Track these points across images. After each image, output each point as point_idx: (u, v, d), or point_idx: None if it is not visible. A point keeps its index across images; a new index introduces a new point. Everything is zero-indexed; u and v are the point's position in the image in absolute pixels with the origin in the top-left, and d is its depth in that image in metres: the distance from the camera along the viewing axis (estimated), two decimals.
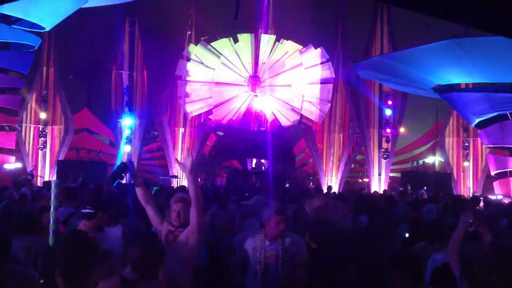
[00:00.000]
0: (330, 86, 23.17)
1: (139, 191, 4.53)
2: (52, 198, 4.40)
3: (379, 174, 22.90)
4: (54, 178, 20.36)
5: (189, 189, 4.23)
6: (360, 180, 25.94)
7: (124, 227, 5.22)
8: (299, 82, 23.25)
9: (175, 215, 4.27)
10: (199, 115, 23.67)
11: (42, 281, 3.62)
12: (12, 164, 20.03)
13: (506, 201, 14.93)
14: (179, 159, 23.09)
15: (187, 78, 23.33)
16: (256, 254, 4.70)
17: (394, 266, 3.54)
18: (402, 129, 24.52)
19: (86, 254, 3.41)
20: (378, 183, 22.66)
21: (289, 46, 23.38)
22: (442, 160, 24.02)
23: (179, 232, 4.20)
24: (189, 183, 4.23)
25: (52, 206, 4.36)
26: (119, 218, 5.50)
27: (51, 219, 4.34)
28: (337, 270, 3.78)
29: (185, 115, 23.38)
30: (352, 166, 24.79)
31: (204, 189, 13.00)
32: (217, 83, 23.37)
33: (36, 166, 21.80)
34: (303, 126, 23.86)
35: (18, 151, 21.44)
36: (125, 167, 4.61)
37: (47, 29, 15.42)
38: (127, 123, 22.26)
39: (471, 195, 19.13)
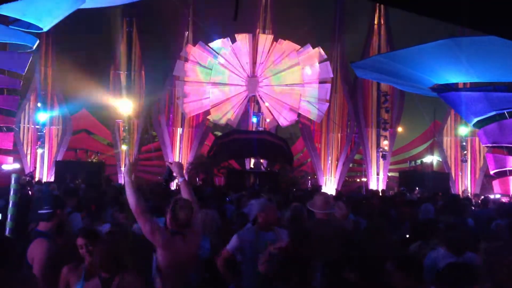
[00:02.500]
0: (328, 85, 23.19)
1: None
2: (12, 193, 4.31)
3: (377, 174, 22.92)
4: (52, 178, 20.39)
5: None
6: (358, 180, 25.97)
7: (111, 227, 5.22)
8: (297, 82, 23.27)
9: None
10: (197, 115, 23.68)
11: None
12: (10, 165, 20.00)
13: (504, 200, 14.94)
14: (176, 159, 23.17)
15: (185, 79, 23.34)
16: (254, 246, 4.72)
17: (397, 267, 3.54)
18: (400, 129, 24.54)
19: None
20: (376, 182, 22.68)
21: (287, 45, 23.40)
22: (440, 160, 24.05)
23: None
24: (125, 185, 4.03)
25: (10, 202, 4.28)
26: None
27: (9, 215, 4.25)
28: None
29: (183, 115, 23.39)
30: (350, 165, 24.81)
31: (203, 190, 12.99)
32: (215, 83, 23.38)
33: (35, 168, 21.77)
34: (301, 125, 23.88)
35: (16, 152, 21.42)
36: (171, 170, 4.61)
37: (45, 29, 15.37)
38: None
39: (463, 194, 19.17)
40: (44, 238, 4.05)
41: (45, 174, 22.16)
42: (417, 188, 16.31)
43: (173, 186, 10.74)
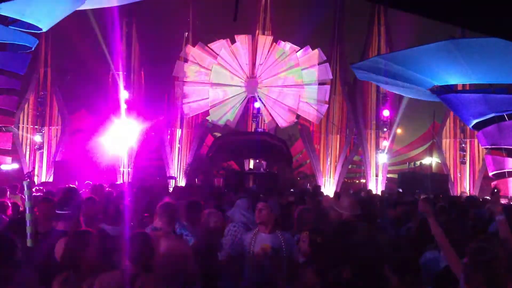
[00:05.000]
0: (328, 87, 23.20)
1: None
2: (26, 200, 4.29)
3: (376, 175, 22.91)
4: (51, 179, 20.38)
5: None
6: (357, 181, 25.97)
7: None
8: (296, 83, 23.27)
9: None
10: (197, 116, 23.66)
11: None
12: (8, 165, 19.99)
13: (504, 201, 14.93)
14: (176, 160, 23.17)
15: (185, 79, 23.33)
16: (250, 247, 4.71)
17: (393, 270, 3.52)
18: (399, 130, 24.53)
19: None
20: (375, 184, 22.66)
21: (286, 47, 23.40)
22: (439, 161, 24.05)
23: None
24: None
25: (27, 209, 4.25)
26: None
27: (28, 221, 4.20)
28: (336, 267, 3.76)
29: (182, 116, 23.37)
30: (350, 167, 24.80)
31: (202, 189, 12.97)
32: (214, 84, 23.37)
33: (34, 168, 21.76)
34: (300, 126, 23.87)
35: (15, 152, 21.40)
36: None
37: (44, 30, 15.38)
38: None
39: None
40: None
41: (44, 174, 22.13)
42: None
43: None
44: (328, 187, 22.48)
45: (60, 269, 3.50)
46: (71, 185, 12.45)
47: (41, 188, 17.71)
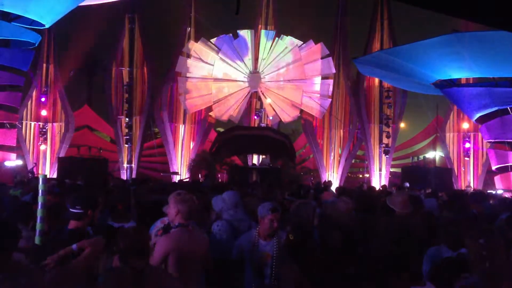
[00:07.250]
0: (331, 81, 23.16)
1: None
2: (40, 195, 4.10)
3: (380, 170, 22.91)
4: (55, 175, 20.41)
5: None
6: (361, 176, 25.94)
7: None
8: (299, 78, 23.23)
9: None
10: (199, 112, 23.67)
11: None
12: (13, 161, 20.04)
13: (507, 195, 14.91)
14: (179, 156, 23.22)
15: (187, 75, 23.32)
16: (251, 255, 4.54)
17: (390, 267, 3.52)
18: (402, 125, 24.49)
19: None
20: (378, 178, 22.66)
21: (289, 41, 23.35)
22: (443, 155, 24.01)
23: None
24: None
25: (39, 204, 4.09)
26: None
27: (39, 217, 4.04)
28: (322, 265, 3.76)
29: (185, 111, 23.38)
30: (353, 161, 24.80)
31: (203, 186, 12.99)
32: (217, 79, 23.36)
33: (36, 164, 21.81)
34: (303, 121, 23.85)
35: (19, 148, 21.45)
36: None
37: (47, 26, 15.43)
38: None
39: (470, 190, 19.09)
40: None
41: (47, 170, 22.17)
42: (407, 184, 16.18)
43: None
44: (332, 181, 22.45)
45: None
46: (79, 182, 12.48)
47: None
